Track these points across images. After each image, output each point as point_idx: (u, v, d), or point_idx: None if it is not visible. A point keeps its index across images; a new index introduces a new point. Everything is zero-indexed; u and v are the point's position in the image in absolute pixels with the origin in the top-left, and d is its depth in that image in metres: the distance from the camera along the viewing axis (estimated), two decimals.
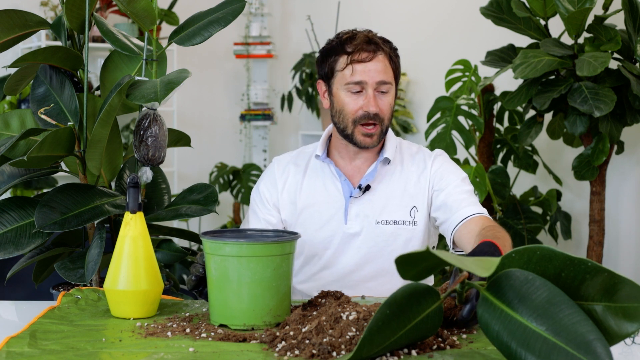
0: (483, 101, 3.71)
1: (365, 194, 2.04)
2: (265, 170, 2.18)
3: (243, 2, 2.00)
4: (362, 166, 2.08)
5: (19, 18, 1.93)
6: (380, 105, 1.99)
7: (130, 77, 1.85)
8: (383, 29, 2.11)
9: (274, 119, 5.47)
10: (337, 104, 2.02)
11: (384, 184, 2.06)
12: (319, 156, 2.08)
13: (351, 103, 1.99)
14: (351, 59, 1.98)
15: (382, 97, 2.00)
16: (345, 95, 2.00)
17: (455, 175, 2.05)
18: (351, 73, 1.98)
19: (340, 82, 2.01)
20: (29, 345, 1.39)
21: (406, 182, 2.06)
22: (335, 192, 2.06)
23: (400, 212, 2.03)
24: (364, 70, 1.97)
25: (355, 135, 2.00)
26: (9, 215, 1.89)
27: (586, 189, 3.55)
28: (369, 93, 1.98)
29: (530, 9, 3.27)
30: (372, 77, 1.97)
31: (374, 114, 1.98)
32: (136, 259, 1.62)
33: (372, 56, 1.98)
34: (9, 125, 2.01)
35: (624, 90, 3.18)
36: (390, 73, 2.01)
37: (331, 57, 2.03)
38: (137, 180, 1.65)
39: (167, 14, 4.88)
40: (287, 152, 2.20)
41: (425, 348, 1.35)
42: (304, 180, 2.10)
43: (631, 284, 1.17)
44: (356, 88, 1.99)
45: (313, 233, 2.05)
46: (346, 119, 2.00)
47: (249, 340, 1.44)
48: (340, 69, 2.00)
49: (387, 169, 2.07)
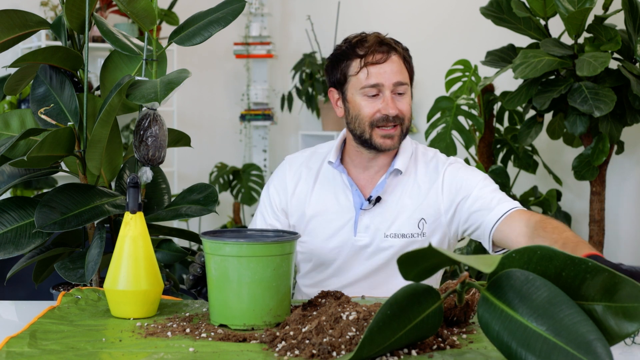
0: (483, 101, 3.71)
1: (375, 205, 2.00)
2: (277, 169, 2.14)
3: (243, 2, 2.00)
4: (375, 176, 2.03)
5: (19, 18, 1.93)
6: (399, 107, 1.94)
7: (130, 77, 1.85)
8: (383, 29, 2.09)
9: (274, 119, 5.47)
10: (353, 110, 1.97)
11: (396, 195, 2.01)
12: (332, 163, 2.03)
13: (368, 107, 1.94)
14: (365, 61, 1.92)
15: (400, 98, 1.95)
16: (361, 99, 1.95)
17: (474, 178, 1.99)
18: (366, 76, 1.93)
19: (355, 87, 1.95)
20: (29, 345, 1.39)
21: (418, 194, 2.00)
22: (346, 202, 2.02)
23: (409, 225, 1.99)
24: (380, 73, 1.92)
25: (374, 139, 1.95)
26: (9, 215, 1.89)
27: (586, 189, 3.55)
28: (387, 95, 1.93)
29: (530, 9, 3.27)
30: (388, 79, 1.92)
31: (393, 117, 1.93)
32: (136, 259, 1.62)
33: (386, 57, 1.93)
34: (9, 125, 2.01)
35: (624, 90, 3.18)
36: (406, 73, 1.97)
37: (343, 62, 1.97)
38: (137, 180, 1.65)
39: (167, 14, 4.89)
40: (300, 151, 2.14)
41: (425, 348, 1.35)
42: (314, 187, 2.05)
43: (631, 284, 1.17)
44: (373, 91, 1.93)
45: (321, 242, 2.03)
46: (363, 123, 1.95)
47: (249, 340, 1.44)
48: (353, 74, 1.95)
49: (399, 179, 2.02)
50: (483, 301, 1.25)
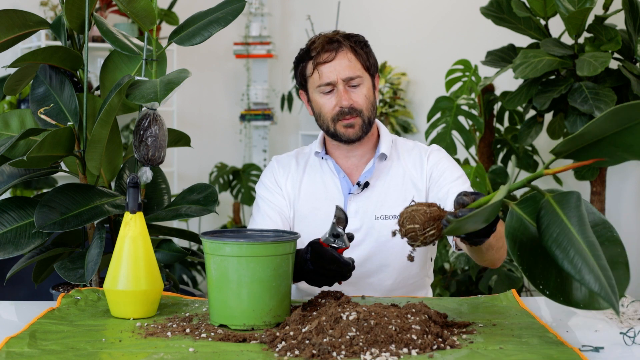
0: (483, 101, 3.71)
1: (363, 190, 2.06)
2: (265, 169, 2.19)
3: (243, 2, 2.00)
4: (359, 163, 2.10)
5: (18, 18, 1.93)
6: (353, 98, 2.01)
7: (130, 77, 1.84)
8: (383, 29, 2.11)
9: (274, 119, 5.47)
10: (317, 108, 2.06)
11: (382, 179, 2.08)
12: (318, 153, 2.11)
13: (327, 103, 2.03)
14: (315, 62, 2.02)
15: (355, 90, 2.02)
16: (319, 97, 2.04)
17: (452, 174, 2.06)
18: (319, 76, 2.02)
19: (313, 87, 2.05)
20: (29, 346, 1.39)
21: (403, 177, 2.07)
22: (334, 189, 2.08)
23: (398, 206, 2.03)
24: (329, 71, 2.00)
25: (338, 131, 2.03)
26: (9, 215, 1.89)
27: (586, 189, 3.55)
28: (340, 90, 2.01)
29: (531, 9, 3.27)
30: (338, 75, 2.00)
31: (348, 108, 2.00)
32: (136, 259, 1.62)
33: (334, 55, 2.01)
34: (8, 125, 2.01)
35: (624, 90, 3.18)
36: (358, 65, 2.03)
37: (300, 65, 2.07)
38: (137, 180, 1.65)
39: (167, 13, 4.89)
40: (286, 153, 2.22)
41: (425, 348, 1.35)
42: (303, 177, 2.12)
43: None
44: (327, 89, 2.02)
45: (313, 230, 2.05)
46: (326, 119, 2.04)
47: (249, 340, 1.43)
48: (309, 75, 2.05)
49: (384, 164, 2.09)
50: (547, 205, 1.37)
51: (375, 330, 1.35)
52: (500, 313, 1.66)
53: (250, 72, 5.52)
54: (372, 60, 2.07)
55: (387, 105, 4.65)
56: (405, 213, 1.50)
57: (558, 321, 1.63)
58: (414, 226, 1.50)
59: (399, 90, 4.68)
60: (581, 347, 1.41)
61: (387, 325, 1.37)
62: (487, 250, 1.83)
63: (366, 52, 2.06)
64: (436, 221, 1.48)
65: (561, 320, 1.63)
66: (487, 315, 1.65)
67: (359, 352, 1.31)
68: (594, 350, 1.40)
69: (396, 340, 1.35)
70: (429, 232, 1.49)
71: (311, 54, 2.04)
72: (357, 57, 2.03)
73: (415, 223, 1.50)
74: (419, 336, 1.37)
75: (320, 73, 2.02)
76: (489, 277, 3.52)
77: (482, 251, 1.83)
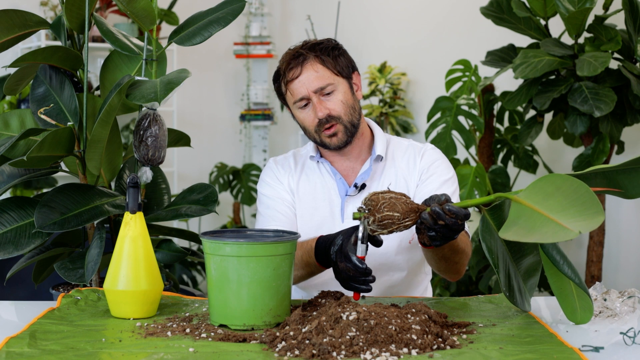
0: (483, 101, 3.71)
1: (360, 192, 2.06)
2: (263, 170, 2.18)
3: (243, 2, 2.00)
4: (354, 165, 2.09)
5: (18, 18, 1.93)
6: (328, 106, 2.00)
7: (130, 77, 1.84)
8: (383, 29, 2.11)
9: (273, 119, 5.47)
10: (300, 122, 2.06)
11: (377, 180, 2.07)
12: (313, 157, 2.11)
13: (307, 117, 2.02)
14: (285, 80, 2.02)
15: (329, 97, 2.01)
16: (299, 112, 2.03)
17: (438, 176, 2.05)
18: (291, 94, 2.02)
19: (291, 103, 2.05)
20: (29, 346, 1.39)
21: (397, 177, 2.07)
22: (331, 191, 2.08)
23: None
24: (299, 86, 2.00)
25: (324, 141, 2.03)
26: (9, 215, 1.88)
27: None
28: (314, 102, 2.00)
29: (531, 9, 3.27)
30: (308, 88, 1.99)
31: (326, 117, 1.99)
32: (136, 259, 1.62)
33: (300, 69, 2.00)
34: (8, 125, 2.01)
35: (624, 90, 3.18)
36: (327, 73, 2.00)
37: (276, 84, 2.08)
38: (137, 180, 1.65)
39: (167, 13, 4.88)
40: (283, 154, 2.22)
41: (425, 348, 1.35)
42: (301, 177, 2.12)
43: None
44: (302, 103, 2.01)
45: (310, 231, 2.05)
46: (310, 132, 2.04)
47: (248, 340, 1.43)
48: (285, 93, 2.05)
49: (379, 165, 2.08)
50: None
51: (375, 330, 1.35)
52: (500, 313, 1.66)
53: (250, 72, 5.52)
54: (343, 63, 2.03)
55: (387, 105, 4.65)
56: (381, 199, 1.52)
57: (558, 321, 1.63)
58: (394, 214, 1.54)
59: (399, 90, 4.68)
60: (581, 347, 1.41)
61: (387, 325, 1.37)
62: (440, 260, 1.86)
63: (334, 57, 2.03)
64: (415, 213, 1.56)
65: (561, 320, 1.63)
66: (487, 315, 1.65)
67: (359, 352, 1.31)
68: (594, 350, 1.40)
69: (396, 340, 1.35)
70: (405, 222, 1.53)
71: (280, 73, 2.04)
72: (325, 64, 2.01)
73: (396, 211, 1.54)
74: (419, 336, 1.37)
75: (291, 90, 2.01)
76: (489, 277, 3.52)
77: (435, 259, 1.87)
